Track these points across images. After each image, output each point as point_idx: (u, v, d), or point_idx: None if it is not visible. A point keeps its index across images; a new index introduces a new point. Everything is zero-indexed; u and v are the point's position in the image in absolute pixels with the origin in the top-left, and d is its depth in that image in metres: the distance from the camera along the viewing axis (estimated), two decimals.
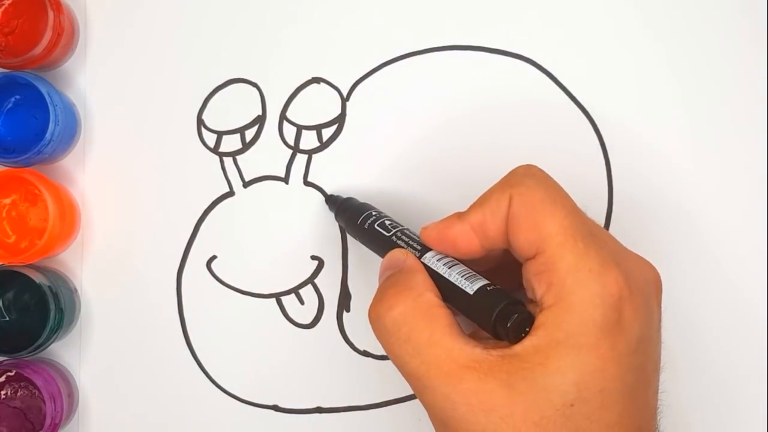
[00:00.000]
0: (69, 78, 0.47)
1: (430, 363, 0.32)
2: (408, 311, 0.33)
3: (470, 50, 0.45)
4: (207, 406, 0.46)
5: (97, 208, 0.46)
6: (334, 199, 0.44)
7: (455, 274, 0.34)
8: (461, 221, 0.35)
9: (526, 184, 0.33)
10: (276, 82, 0.46)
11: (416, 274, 0.35)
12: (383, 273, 0.37)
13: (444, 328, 0.32)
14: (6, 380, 0.44)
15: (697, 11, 0.45)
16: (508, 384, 0.30)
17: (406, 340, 0.33)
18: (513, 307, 0.32)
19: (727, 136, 0.44)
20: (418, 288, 0.34)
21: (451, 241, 0.35)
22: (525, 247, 0.33)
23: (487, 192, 0.35)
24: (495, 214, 0.34)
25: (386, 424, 0.45)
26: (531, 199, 0.33)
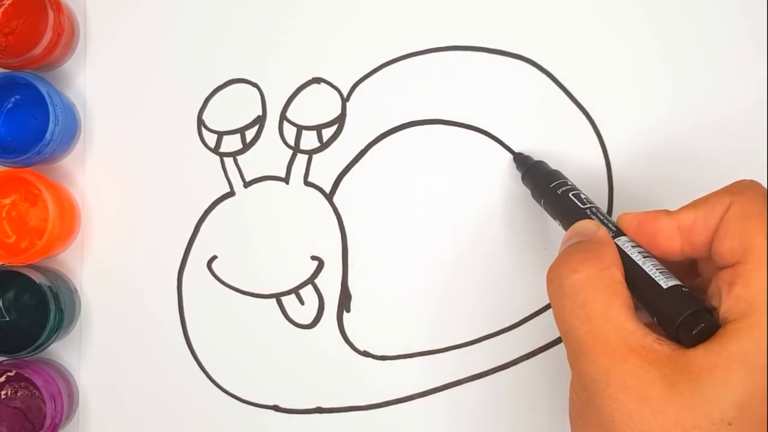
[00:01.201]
0: (69, 78, 0.47)
1: (598, 334, 0.31)
2: (591, 279, 0.32)
3: (470, 50, 0.45)
4: (207, 406, 0.46)
5: (97, 208, 0.46)
6: (524, 158, 0.43)
7: (650, 264, 0.33)
8: (669, 217, 0.34)
9: (748, 194, 0.33)
10: (276, 82, 0.46)
11: (606, 247, 0.34)
12: (569, 238, 0.36)
13: (622, 306, 0.32)
14: (6, 380, 0.44)
15: (698, 11, 0.45)
16: (671, 381, 0.30)
17: (581, 305, 0.32)
18: (702, 315, 0.31)
19: (728, 136, 0.44)
20: (606, 260, 0.33)
21: (651, 234, 0.34)
22: (727, 254, 0.32)
23: (704, 196, 0.34)
24: (708, 218, 0.33)
25: (386, 424, 0.45)
26: (749, 209, 0.32)
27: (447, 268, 0.45)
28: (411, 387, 0.45)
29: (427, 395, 0.45)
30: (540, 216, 0.45)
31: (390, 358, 0.45)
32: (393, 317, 0.45)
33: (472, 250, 0.45)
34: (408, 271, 0.45)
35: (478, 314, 0.45)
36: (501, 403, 0.44)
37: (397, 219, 0.45)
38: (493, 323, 0.45)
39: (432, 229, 0.45)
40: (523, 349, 0.44)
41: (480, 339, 0.45)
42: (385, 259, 0.45)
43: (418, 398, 0.45)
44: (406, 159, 0.45)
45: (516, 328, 0.44)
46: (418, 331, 0.45)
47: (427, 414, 0.45)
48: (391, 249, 0.45)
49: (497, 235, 0.45)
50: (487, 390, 0.44)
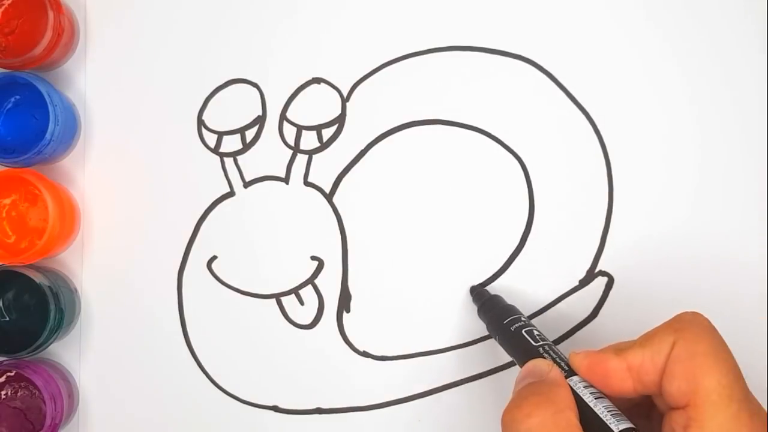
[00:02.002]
0: (69, 78, 0.47)
1: None
2: (545, 423, 0.32)
3: (470, 50, 0.45)
4: (207, 406, 0.46)
5: (97, 208, 0.46)
6: (480, 293, 0.43)
7: (601, 406, 0.33)
8: (619, 358, 0.34)
9: (692, 330, 0.33)
10: (276, 82, 0.46)
11: (560, 389, 0.34)
12: (522, 379, 0.36)
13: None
14: (6, 380, 0.44)
15: (698, 11, 0.45)
16: None
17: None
18: None
19: (728, 136, 0.44)
20: (560, 403, 0.33)
21: (602, 375, 0.34)
22: (676, 396, 0.32)
23: (649, 333, 0.34)
24: (655, 357, 0.33)
25: (386, 425, 0.45)
26: (693, 348, 0.32)
27: (447, 268, 0.45)
28: (411, 387, 0.45)
29: (427, 395, 0.45)
30: (541, 214, 0.45)
31: (390, 359, 0.45)
32: (393, 317, 0.45)
33: (472, 250, 0.45)
34: (408, 272, 0.45)
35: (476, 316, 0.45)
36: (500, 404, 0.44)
37: (397, 219, 0.45)
38: None
39: (432, 229, 0.45)
40: None
41: (480, 339, 0.45)
42: (385, 259, 0.45)
43: (418, 398, 0.45)
44: (406, 159, 0.45)
45: None
46: (418, 331, 0.45)
47: (427, 414, 0.45)
48: (391, 249, 0.45)
49: (497, 234, 0.45)
50: (486, 390, 0.44)
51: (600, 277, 0.44)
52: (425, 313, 0.45)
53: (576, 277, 0.44)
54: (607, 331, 0.44)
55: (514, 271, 0.45)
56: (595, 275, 0.44)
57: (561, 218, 0.45)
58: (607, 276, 0.44)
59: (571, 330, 0.44)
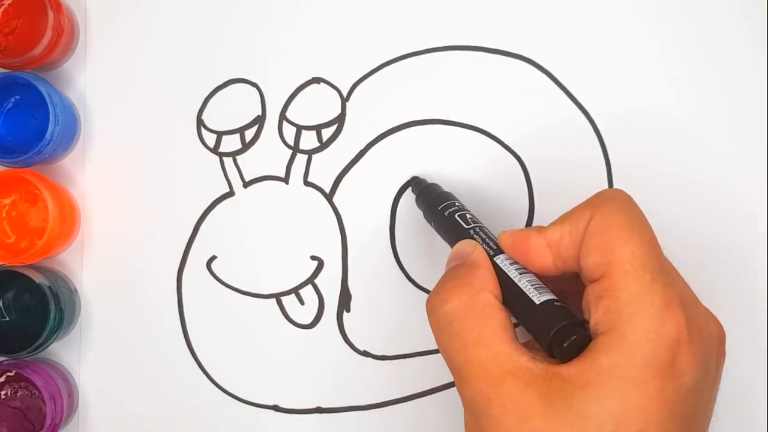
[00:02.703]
0: (69, 78, 0.47)
1: (474, 361, 0.32)
2: (461, 307, 0.33)
3: (470, 50, 0.45)
4: (207, 406, 0.46)
5: (97, 208, 0.46)
6: (419, 182, 0.44)
7: (525, 281, 0.34)
8: (539, 234, 0.34)
9: (608, 205, 0.33)
10: (276, 82, 0.46)
11: (478, 270, 0.34)
12: (449, 262, 0.37)
13: (495, 330, 0.32)
14: (6, 380, 0.44)
15: (698, 11, 0.45)
16: (547, 399, 0.30)
17: (455, 334, 0.33)
18: (573, 329, 0.31)
19: (728, 135, 0.44)
20: (476, 285, 0.34)
21: (524, 252, 0.34)
22: (591, 269, 0.32)
23: (569, 210, 0.34)
24: (573, 234, 0.33)
25: (386, 424, 0.45)
26: (608, 222, 0.32)
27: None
28: (411, 387, 0.45)
29: (427, 395, 0.45)
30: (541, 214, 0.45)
31: (390, 358, 0.45)
32: (393, 317, 0.45)
33: None
34: (408, 271, 0.45)
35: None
36: None
37: (397, 219, 0.45)
38: None
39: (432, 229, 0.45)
40: None
41: None
42: (385, 259, 0.45)
43: (418, 398, 0.45)
44: (406, 159, 0.45)
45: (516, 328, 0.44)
46: (417, 331, 0.45)
47: (427, 414, 0.45)
48: (390, 249, 0.45)
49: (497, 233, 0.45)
50: None
51: None
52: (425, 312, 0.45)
53: None
54: None
55: None
56: None
57: None
58: None
59: None
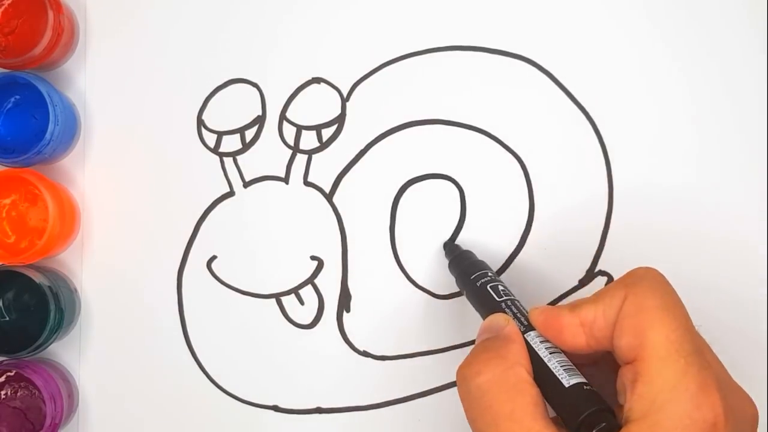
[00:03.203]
0: (69, 78, 0.47)
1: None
2: (495, 380, 0.33)
3: (470, 50, 0.45)
4: (207, 406, 0.46)
5: (97, 208, 0.46)
6: (453, 248, 0.44)
7: (555, 361, 0.33)
8: (572, 313, 0.34)
9: (642, 285, 0.32)
10: (276, 82, 0.46)
11: (512, 345, 0.34)
12: (481, 334, 0.36)
13: (527, 406, 0.32)
14: (6, 380, 0.44)
15: (698, 11, 0.45)
16: None
17: (487, 407, 0.32)
18: (603, 415, 0.31)
19: (728, 136, 0.44)
20: (510, 359, 0.33)
21: (557, 330, 0.34)
22: (625, 350, 0.32)
23: (603, 289, 0.34)
24: (606, 313, 0.33)
25: (386, 424, 0.45)
26: (643, 303, 0.32)
27: (447, 268, 0.45)
28: (411, 387, 0.45)
29: (427, 395, 0.45)
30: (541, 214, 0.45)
31: (390, 358, 0.45)
32: (393, 317, 0.45)
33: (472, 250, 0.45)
34: (408, 271, 0.45)
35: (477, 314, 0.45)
36: None
37: (397, 219, 0.45)
38: None
39: (432, 229, 0.45)
40: None
41: None
42: (385, 259, 0.45)
43: (418, 398, 0.45)
44: (406, 159, 0.45)
45: None
46: (417, 331, 0.45)
47: (427, 414, 0.45)
48: (390, 249, 0.45)
49: (497, 234, 0.45)
50: None
51: (600, 277, 0.44)
52: (425, 312, 0.45)
53: (575, 276, 0.44)
54: None
55: (514, 271, 0.45)
56: (594, 275, 0.44)
57: (561, 218, 0.45)
58: (607, 276, 0.44)
59: None
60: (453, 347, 0.45)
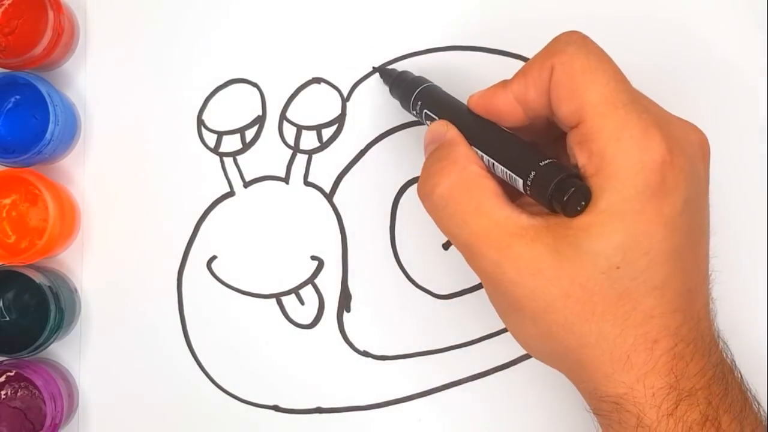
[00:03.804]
0: (69, 78, 0.47)
1: (478, 233, 0.33)
2: (453, 185, 0.34)
3: (470, 50, 0.46)
4: (207, 406, 0.46)
5: (97, 208, 0.46)
6: (389, 72, 0.43)
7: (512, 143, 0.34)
8: (504, 90, 0.35)
9: (567, 52, 0.33)
10: (276, 82, 0.46)
11: (458, 147, 0.35)
12: (427, 147, 0.37)
13: (490, 198, 0.33)
14: (6, 380, 0.44)
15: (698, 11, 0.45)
16: (555, 249, 0.31)
17: (453, 213, 0.34)
18: (570, 181, 0.32)
19: (728, 136, 0.44)
20: (460, 161, 0.35)
21: (495, 111, 0.36)
22: (567, 117, 0.33)
23: (530, 61, 0.35)
24: (537, 84, 0.34)
25: (386, 424, 0.45)
26: (571, 68, 0.33)
27: (447, 267, 0.45)
28: (411, 387, 0.45)
29: (427, 395, 0.45)
30: None
31: (390, 358, 0.45)
32: (393, 317, 0.45)
33: None
34: (408, 271, 0.45)
35: (477, 314, 0.45)
36: (501, 403, 0.44)
37: (397, 219, 0.45)
38: (493, 323, 0.45)
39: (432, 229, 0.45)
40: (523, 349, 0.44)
41: (480, 339, 0.45)
42: (385, 259, 0.45)
43: (418, 398, 0.45)
44: (406, 159, 0.45)
45: None
46: (418, 331, 0.45)
47: (427, 414, 0.45)
48: (391, 249, 0.45)
49: None
50: (487, 390, 0.44)
51: None
52: (425, 312, 0.45)
53: None
54: None
55: None
56: None
57: None
58: None
59: None
60: (453, 347, 0.45)
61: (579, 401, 0.44)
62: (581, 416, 0.44)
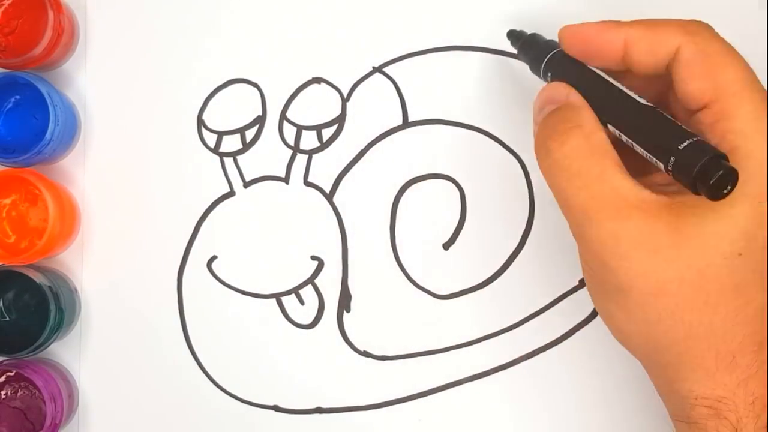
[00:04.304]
0: (69, 78, 0.47)
1: (600, 198, 0.32)
2: (581, 146, 0.33)
3: (470, 50, 0.45)
4: (207, 406, 0.46)
5: (97, 208, 0.46)
6: (517, 34, 0.42)
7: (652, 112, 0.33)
8: (617, 30, 0.34)
9: (701, 34, 0.33)
10: (276, 82, 0.46)
11: (584, 111, 0.34)
12: (542, 106, 0.36)
13: (615, 166, 0.32)
14: (6, 380, 0.44)
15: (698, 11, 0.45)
16: (676, 227, 0.30)
17: (576, 174, 0.32)
18: (716, 162, 0.29)
19: None
20: (587, 125, 0.33)
21: (596, 46, 0.35)
22: (697, 96, 0.32)
23: (652, 21, 0.34)
24: (656, 47, 0.33)
25: (386, 424, 0.45)
26: (708, 48, 0.32)
27: (447, 268, 0.45)
28: (411, 387, 0.45)
29: (427, 395, 0.45)
30: (541, 214, 0.45)
31: (390, 358, 0.45)
32: (393, 317, 0.45)
33: (472, 250, 0.45)
34: (408, 271, 0.45)
35: (477, 314, 0.45)
36: (501, 403, 0.44)
37: (397, 219, 0.45)
38: (493, 323, 0.45)
39: (432, 229, 0.45)
40: (523, 349, 0.44)
41: (480, 339, 0.45)
42: (385, 259, 0.45)
43: (418, 398, 0.45)
44: (406, 159, 0.45)
45: (516, 328, 0.44)
46: (418, 331, 0.45)
47: (427, 414, 0.45)
48: (391, 249, 0.45)
49: (497, 234, 0.45)
50: (487, 390, 0.44)
51: None
52: (425, 312, 0.45)
53: (576, 277, 0.44)
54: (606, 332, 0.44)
55: (514, 271, 0.45)
56: None
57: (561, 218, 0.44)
58: None
59: (571, 330, 0.44)
60: (453, 347, 0.45)
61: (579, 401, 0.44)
62: (581, 416, 0.44)
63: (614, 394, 0.44)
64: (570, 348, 0.44)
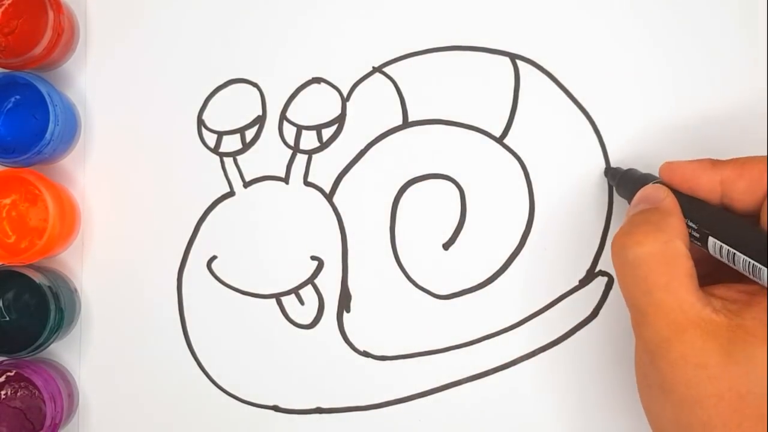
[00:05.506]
0: (69, 78, 0.47)
1: (660, 306, 0.33)
2: (654, 252, 0.34)
3: (470, 50, 0.45)
4: (207, 406, 0.46)
5: (97, 208, 0.46)
6: (614, 171, 0.43)
7: None
8: (713, 170, 0.35)
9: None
10: (276, 82, 0.46)
11: (671, 218, 0.35)
12: (636, 204, 0.37)
13: (683, 278, 0.33)
14: (6, 380, 0.44)
15: (698, 11, 0.45)
16: (727, 350, 0.31)
17: (644, 278, 0.33)
18: None
19: (728, 136, 0.44)
20: (669, 232, 0.34)
21: (695, 185, 0.36)
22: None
23: (747, 158, 0.35)
24: (751, 183, 0.34)
25: (386, 424, 0.45)
26: None
27: (446, 268, 0.45)
28: (411, 387, 0.45)
29: (427, 395, 0.45)
30: (541, 214, 0.45)
31: (390, 358, 0.45)
32: (393, 317, 0.45)
33: (472, 250, 0.45)
34: (408, 271, 0.45)
35: (477, 314, 0.45)
36: (501, 403, 0.44)
37: (397, 219, 0.45)
38: (493, 323, 0.45)
39: (432, 229, 0.45)
40: (523, 349, 0.44)
41: (480, 339, 0.45)
42: (385, 259, 0.45)
43: (418, 398, 0.45)
44: (406, 159, 0.45)
45: (516, 328, 0.44)
46: (418, 331, 0.45)
47: (427, 414, 0.45)
48: (390, 249, 0.45)
49: (497, 234, 0.45)
50: (487, 390, 0.44)
51: (600, 277, 0.44)
52: (425, 312, 0.45)
53: (576, 277, 0.44)
54: (607, 331, 0.44)
55: (514, 271, 0.45)
56: (595, 275, 0.44)
57: (561, 218, 0.45)
58: (607, 276, 0.44)
59: (571, 330, 0.44)
60: (453, 347, 0.45)
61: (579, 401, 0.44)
62: (581, 416, 0.44)
63: (614, 394, 0.44)
64: (570, 348, 0.44)
